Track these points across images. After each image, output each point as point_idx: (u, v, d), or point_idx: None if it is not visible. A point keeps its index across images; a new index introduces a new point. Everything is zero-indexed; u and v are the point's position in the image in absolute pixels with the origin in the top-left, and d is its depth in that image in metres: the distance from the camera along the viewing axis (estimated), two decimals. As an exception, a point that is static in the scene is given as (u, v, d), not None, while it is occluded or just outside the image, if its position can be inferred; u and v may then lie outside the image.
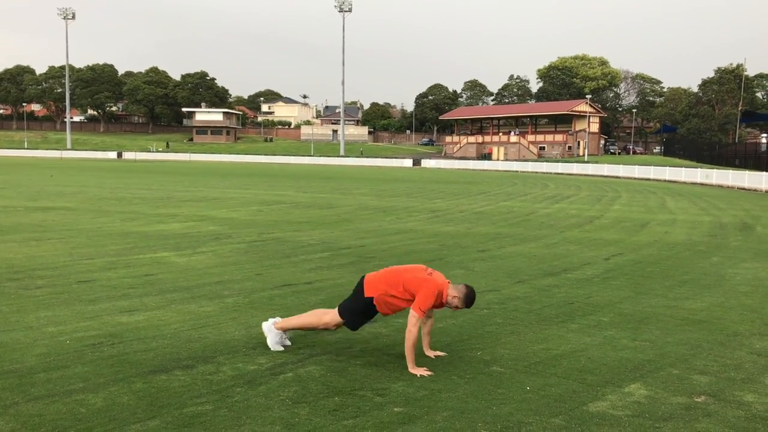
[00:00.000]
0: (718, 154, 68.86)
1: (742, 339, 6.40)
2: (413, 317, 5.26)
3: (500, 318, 7.04)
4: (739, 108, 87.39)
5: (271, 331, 5.81)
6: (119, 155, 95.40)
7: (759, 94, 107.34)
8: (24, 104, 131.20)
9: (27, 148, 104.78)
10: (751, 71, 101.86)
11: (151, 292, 7.96)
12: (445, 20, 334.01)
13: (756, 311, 7.60)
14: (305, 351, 5.73)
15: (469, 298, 5.40)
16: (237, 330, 6.34)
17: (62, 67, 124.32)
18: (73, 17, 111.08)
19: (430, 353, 5.68)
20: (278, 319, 5.91)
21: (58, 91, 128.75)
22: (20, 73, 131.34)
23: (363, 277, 5.70)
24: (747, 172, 41.14)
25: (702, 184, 43.02)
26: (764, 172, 38.20)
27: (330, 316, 5.67)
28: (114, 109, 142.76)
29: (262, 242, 12.45)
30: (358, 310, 5.57)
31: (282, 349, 5.76)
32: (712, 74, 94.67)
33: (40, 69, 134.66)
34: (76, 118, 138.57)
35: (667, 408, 4.60)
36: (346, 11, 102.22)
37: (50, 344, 5.75)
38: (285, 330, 5.84)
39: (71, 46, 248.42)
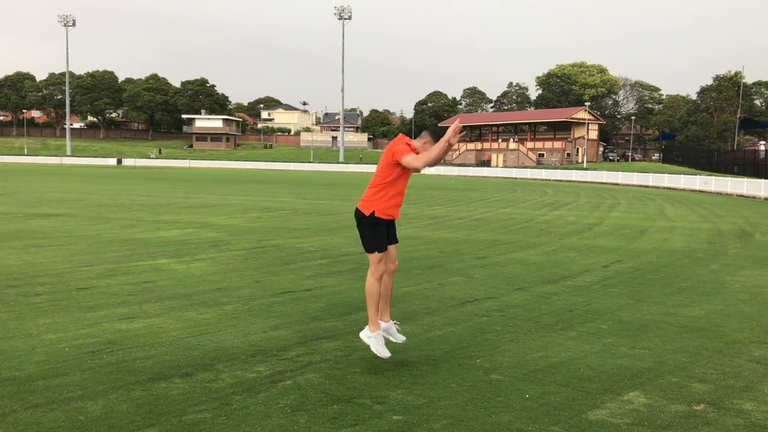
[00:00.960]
0: (716, 161, 68.94)
1: (741, 347, 6.40)
2: (412, 159, 5.36)
3: (499, 325, 7.04)
4: (738, 115, 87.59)
5: (370, 337, 5.60)
6: (119, 162, 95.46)
7: (757, 102, 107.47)
8: (24, 111, 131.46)
9: (27, 155, 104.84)
10: (749, 79, 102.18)
11: (151, 299, 7.96)
12: (445, 28, 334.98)
13: (755, 319, 7.60)
14: (304, 358, 5.73)
15: (435, 133, 5.49)
16: (236, 337, 6.33)
17: (62, 74, 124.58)
18: (74, 24, 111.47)
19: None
20: (387, 323, 5.78)
21: (58, 97, 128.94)
22: (20, 80, 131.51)
23: (356, 208, 5.75)
24: (745, 179, 41.18)
25: (701, 191, 43.05)
26: (763, 180, 38.24)
27: (372, 272, 5.62)
28: (114, 115, 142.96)
29: (262, 249, 12.45)
30: (374, 233, 5.56)
31: (389, 354, 5.49)
32: (710, 82, 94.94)
33: (41, 75, 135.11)
34: (76, 125, 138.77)
35: (666, 416, 4.59)
36: (345, 19, 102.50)
37: (49, 351, 5.75)
38: (377, 323, 5.61)
39: (71, 52, 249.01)
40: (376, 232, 5.60)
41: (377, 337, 5.57)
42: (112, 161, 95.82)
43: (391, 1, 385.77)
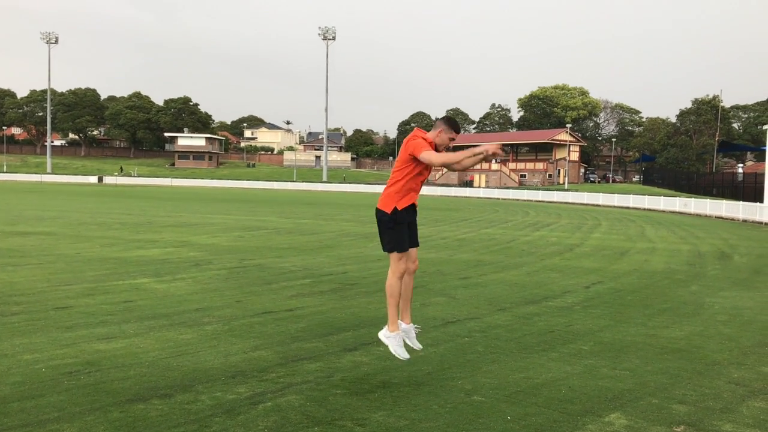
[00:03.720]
0: (696, 184, 69.87)
1: (720, 368, 6.44)
2: (431, 155, 5.26)
3: (481, 346, 7.03)
4: (716, 138, 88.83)
5: (389, 337, 5.53)
6: (100, 180, 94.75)
7: (735, 125, 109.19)
8: (4, 128, 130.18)
9: (6, 172, 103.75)
10: (726, 102, 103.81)
11: (130, 319, 7.87)
12: (428, 49, 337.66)
13: (734, 340, 7.66)
14: (285, 380, 5.68)
15: (449, 121, 5.42)
16: (216, 358, 6.27)
17: (44, 91, 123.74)
18: (56, 41, 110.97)
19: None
20: (408, 325, 5.65)
21: (39, 114, 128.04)
22: (1, 97, 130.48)
23: (376, 207, 5.68)
24: (724, 201, 41.68)
25: (681, 213, 43.49)
26: (741, 202, 38.74)
27: (393, 271, 5.54)
28: (95, 133, 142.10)
29: (243, 269, 12.38)
30: (396, 233, 5.46)
31: (408, 356, 5.45)
32: (689, 105, 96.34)
33: (22, 92, 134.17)
34: (57, 142, 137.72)
35: (646, 438, 4.60)
36: (329, 39, 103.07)
37: (25, 372, 5.65)
38: (396, 324, 5.52)
39: (53, 69, 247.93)
40: (398, 232, 5.55)
41: (396, 337, 5.44)
42: (93, 179, 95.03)
43: (375, 22, 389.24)
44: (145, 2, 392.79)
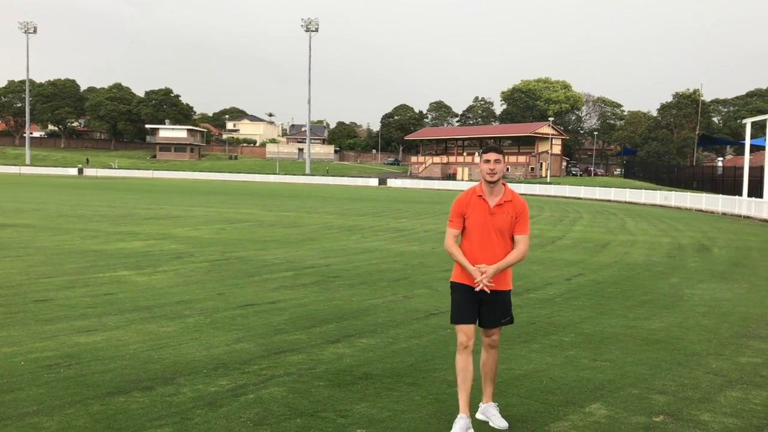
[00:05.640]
0: (676, 177, 70.55)
1: (699, 359, 6.52)
2: (448, 232, 4.90)
3: (463, 338, 7.05)
4: (697, 132, 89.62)
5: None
6: (80, 171, 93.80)
7: (715, 119, 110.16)
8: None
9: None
10: (707, 97, 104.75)
11: (111, 311, 7.81)
12: (412, 41, 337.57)
13: (713, 331, 7.75)
14: (267, 372, 5.67)
15: (484, 150, 4.80)
16: (198, 350, 6.24)
17: (22, 82, 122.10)
18: (35, 31, 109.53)
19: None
20: (484, 404, 4.90)
21: (18, 105, 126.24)
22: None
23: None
24: (704, 194, 42.13)
25: (661, 206, 43.90)
26: (720, 195, 39.17)
27: (465, 349, 4.81)
28: (75, 124, 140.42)
29: (225, 261, 12.32)
30: (452, 298, 4.84)
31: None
32: (670, 99, 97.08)
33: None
34: (36, 134, 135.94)
35: (626, 428, 4.65)
36: (312, 31, 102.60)
37: (3, 365, 5.59)
38: (463, 406, 4.66)
39: (32, 60, 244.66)
40: (453, 299, 4.85)
41: (458, 421, 4.62)
42: (73, 171, 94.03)
43: (358, 14, 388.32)
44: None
